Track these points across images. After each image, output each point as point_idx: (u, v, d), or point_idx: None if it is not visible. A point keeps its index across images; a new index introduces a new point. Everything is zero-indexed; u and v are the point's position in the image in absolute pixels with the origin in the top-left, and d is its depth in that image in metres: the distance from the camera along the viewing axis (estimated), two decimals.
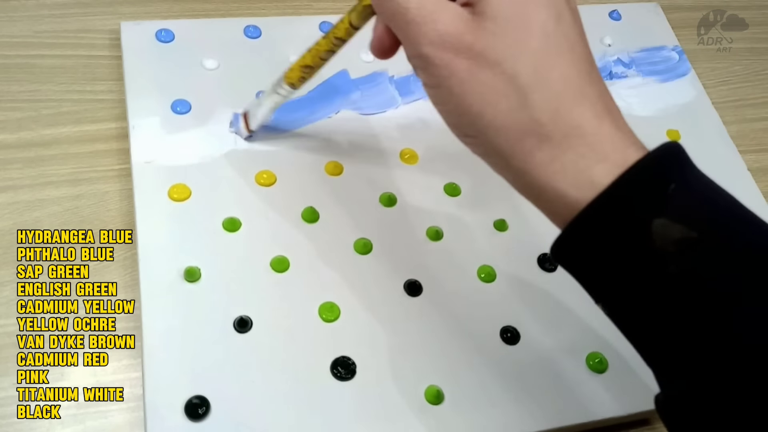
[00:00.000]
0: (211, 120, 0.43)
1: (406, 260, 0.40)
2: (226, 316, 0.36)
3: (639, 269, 0.24)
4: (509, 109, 0.26)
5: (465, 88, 0.26)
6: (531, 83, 0.25)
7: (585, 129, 0.25)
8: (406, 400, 0.35)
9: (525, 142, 0.26)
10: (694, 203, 0.25)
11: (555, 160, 0.25)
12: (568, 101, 0.26)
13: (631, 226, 0.24)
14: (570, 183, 0.25)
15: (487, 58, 0.26)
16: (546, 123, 0.25)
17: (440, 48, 0.26)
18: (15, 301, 0.36)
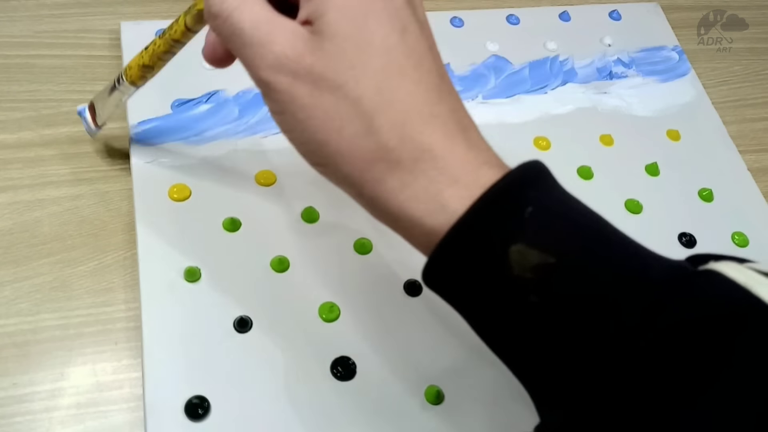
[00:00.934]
0: (212, 119, 0.43)
1: (405, 260, 0.40)
2: (226, 316, 0.36)
3: (502, 299, 0.23)
4: (354, 135, 0.24)
5: (307, 113, 0.24)
6: (375, 106, 0.24)
7: (435, 151, 0.24)
8: (406, 400, 0.35)
9: (374, 169, 0.24)
10: (552, 226, 0.23)
11: (406, 187, 0.24)
12: (416, 122, 0.24)
13: (489, 255, 0.23)
14: (423, 210, 0.24)
15: (327, 81, 0.24)
16: (394, 147, 0.24)
17: (279, 72, 0.24)
18: (15, 301, 0.36)
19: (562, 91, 0.51)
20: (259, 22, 0.25)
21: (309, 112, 0.24)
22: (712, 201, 0.47)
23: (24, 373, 0.34)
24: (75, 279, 0.37)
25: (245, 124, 0.44)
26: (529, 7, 0.56)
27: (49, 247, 0.38)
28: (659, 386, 0.21)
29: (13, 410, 0.33)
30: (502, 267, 0.23)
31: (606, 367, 0.22)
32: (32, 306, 0.36)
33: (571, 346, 0.23)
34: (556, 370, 0.24)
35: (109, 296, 0.37)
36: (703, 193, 0.48)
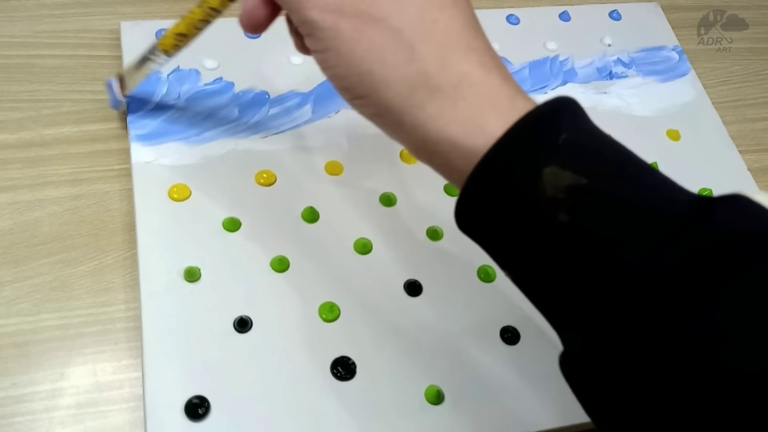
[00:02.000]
0: (212, 119, 0.43)
1: (406, 260, 0.40)
2: (226, 316, 0.36)
3: (531, 219, 0.24)
4: (397, 63, 0.26)
5: (352, 47, 0.26)
6: (416, 35, 0.25)
7: (473, 79, 0.25)
8: (406, 400, 0.35)
9: (415, 95, 0.25)
10: (585, 152, 0.24)
11: (446, 111, 0.25)
12: (454, 52, 0.26)
13: (523, 176, 0.24)
14: (462, 133, 0.25)
15: (371, 15, 0.26)
16: (434, 74, 0.25)
17: (325, 10, 0.26)
18: (15, 301, 0.36)
19: (562, 91, 0.51)
20: None
21: (353, 46, 0.26)
22: None
23: (24, 373, 0.34)
24: (75, 279, 0.37)
25: (245, 124, 0.44)
26: (529, 7, 0.56)
27: (49, 247, 0.38)
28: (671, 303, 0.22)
29: (13, 410, 0.33)
30: (535, 187, 0.24)
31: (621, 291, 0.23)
32: (32, 306, 0.36)
33: (592, 266, 0.24)
34: (577, 294, 0.24)
35: (109, 296, 0.37)
36: (703, 194, 0.47)
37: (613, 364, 0.24)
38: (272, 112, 0.45)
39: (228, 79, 0.45)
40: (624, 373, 0.23)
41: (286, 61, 0.47)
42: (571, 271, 0.24)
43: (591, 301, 0.24)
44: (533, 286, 0.26)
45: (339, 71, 0.27)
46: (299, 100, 0.46)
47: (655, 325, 0.22)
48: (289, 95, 0.46)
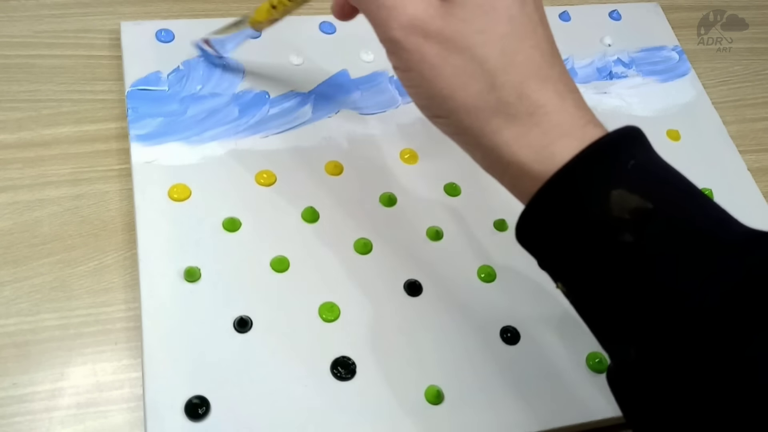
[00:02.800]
0: (212, 119, 0.43)
1: (406, 260, 0.40)
2: (226, 316, 0.36)
3: (596, 238, 0.25)
4: (479, 91, 0.27)
5: (436, 71, 0.27)
6: (499, 67, 0.27)
7: (548, 108, 0.27)
8: (406, 400, 0.35)
9: (493, 121, 0.27)
10: (651, 179, 0.26)
11: (521, 137, 0.27)
12: (532, 82, 0.27)
13: (591, 196, 0.25)
14: (534, 158, 0.26)
15: (456, 43, 0.27)
16: (513, 103, 0.27)
17: (411, 32, 0.27)
18: (15, 301, 0.36)
19: None
20: None
21: (437, 71, 0.27)
22: None
23: (24, 373, 0.34)
24: (75, 279, 0.37)
25: (245, 124, 0.44)
26: None
27: (49, 247, 0.38)
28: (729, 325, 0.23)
29: (13, 410, 0.33)
30: (602, 207, 0.25)
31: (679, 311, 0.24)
32: (32, 306, 0.36)
33: (653, 284, 0.25)
34: (632, 309, 0.25)
35: (109, 296, 0.37)
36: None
37: (666, 378, 0.25)
38: (272, 112, 0.45)
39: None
40: (675, 389, 0.24)
41: (286, 61, 0.47)
42: (631, 288, 0.25)
43: (647, 318, 0.25)
44: (589, 300, 0.28)
45: (421, 91, 0.28)
46: (299, 100, 0.46)
47: (712, 344, 0.23)
48: (289, 95, 0.46)
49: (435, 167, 0.45)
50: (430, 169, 0.44)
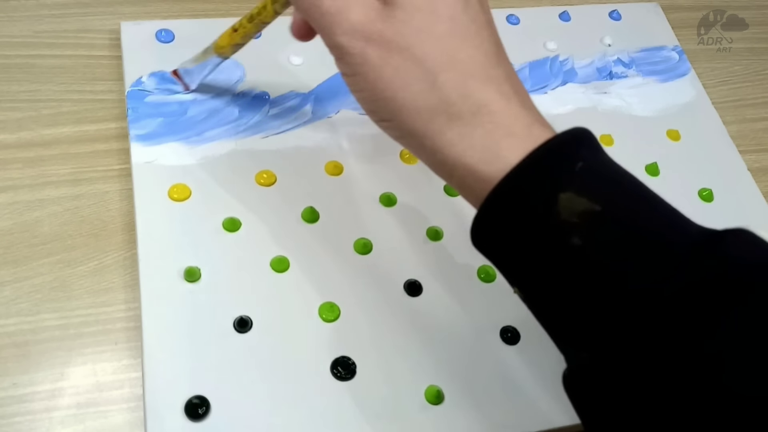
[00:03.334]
0: (212, 119, 0.43)
1: (406, 260, 0.40)
2: (226, 316, 0.36)
3: (545, 242, 0.25)
4: (420, 90, 0.27)
5: (377, 73, 0.27)
6: (439, 65, 0.27)
7: (492, 107, 0.26)
8: (406, 400, 0.35)
9: (436, 121, 0.27)
10: (600, 180, 0.26)
11: (464, 138, 0.26)
12: (475, 81, 0.27)
13: (539, 200, 0.25)
14: (479, 158, 0.26)
15: (397, 44, 0.27)
16: (455, 102, 0.27)
17: (353, 37, 0.27)
18: (15, 301, 0.36)
19: (562, 91, 0.51)
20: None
21: (379, 72, 0.27)
22: (712, 201, 0.47)
23: (24, 373, 0.34)
24: (75, 279, 0.37)
25: (245, 124, 0.44)
26: (529, 7, 0.56)
27: (49, 247, 0.38)
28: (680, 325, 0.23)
29: (13, 410, 0.33)
30: (550, 211, 0.25)
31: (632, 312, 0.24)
32: (32, 306, 0.36)
33: (602, 288, 0.25)
34: (585, 314, 0.25)
35: (109, 296, 0.37)
36: (703, 193, 0.48)
37: (620, 380, 0.25)
38: (272, 112, 0.45)
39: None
40: (629, 390, 0.24)
41: (286, 61, 0.47)
42: (582, 292, 0.25)
43: (599, 321, 0.25)
44: (543, 304, 0.27)
45: (366, 95, 0.29)
46: (299, 100, 0.46)
47: (662, 346, 0.23)
48: (289, 95, 0.46)
49: None
50: (431, 170, 0.44)
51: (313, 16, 0.28)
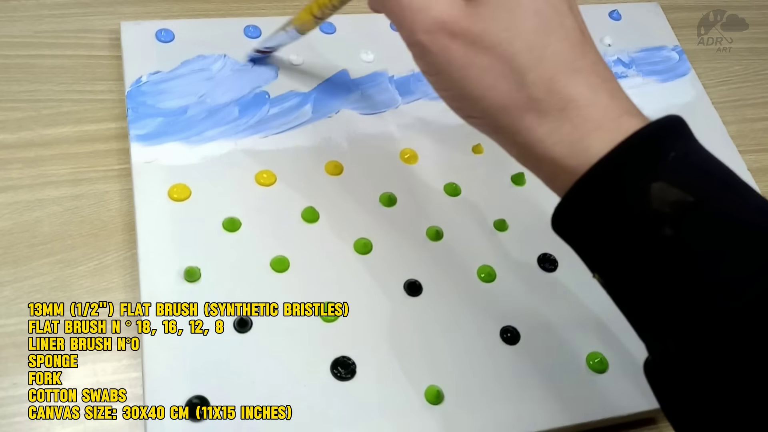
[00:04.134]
0: (212, 119, 0.43)
1: (406, 260, 0.40)
2: (226, 316, 0.36)
3: (636, 231, 0.25)
4: (509, 89, 0.27)
5: (464, 72, 0.27)
6: (527, 63, 0.26)
7: (579, 101, 0.26)
8: (406, 400, 0.35)
9: (525, 118, 0.27)
10: (692, 171, 0.25)
11: (553, 133, 0.26)
12: (562, 76, 0.27)
13: (630, 190, 0.25)
14: (568, 153, 0.26)
15: (483, 43, 0.26)
16: (543, 99, 0.26)
17: (436, 35, 0.27)
18: (15, 301, 0.36)
19: None
20: None
21: (465, 72, 0.27)
22: None
23: (24, 373, 0.34)
24: (75, 279, 0.37)
25: (245, 124, 0.44)
26: None
27: (49, 247, 0.38)
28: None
29: (13, 410, 0.33)
30: (642, 201, 0.25)
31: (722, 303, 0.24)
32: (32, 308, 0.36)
33: (692, 280, 0.24)
34: (672, 303, 0.25)
35: (109, 296, 0.37)
36: None
37: (705, 372, 0.24)
38: (272, 112, 0.45)
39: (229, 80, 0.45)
40: (714, 382, 0.24)
41: (286, 61, 0.47)
42: (671, 282, 0.25)
43: (688, 311, 0.25)
44: (627, 292, 0.27)
45: (452, 94, 0.29)
46: (299, 100, 0.46)
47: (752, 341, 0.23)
48: (289, 95, 0.46)
49: (435, 167, 0.45)
50: (430, 169, 0.44)
51: (392, 10, 0.28)
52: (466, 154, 0.46)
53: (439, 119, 0.47)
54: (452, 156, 0.45)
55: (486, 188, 0.44)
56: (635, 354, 0.38)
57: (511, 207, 0.43)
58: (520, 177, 0.45)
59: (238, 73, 0.46)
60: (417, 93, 0.48)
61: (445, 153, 0.45)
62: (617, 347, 0.38)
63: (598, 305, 0.40)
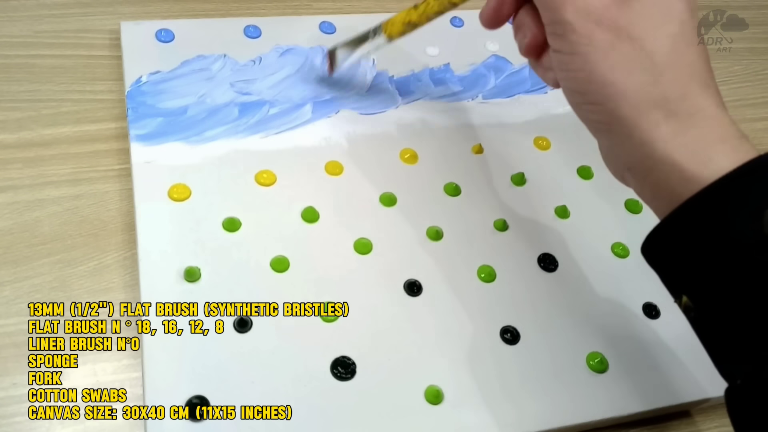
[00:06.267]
0: (212, 119, 0.43)
1: (406, 260, 0.40)
2: (226, 316, 0.36)
3: (741, 255, 0.25)
4: (642, 82, 0.27)
5: (601, 56, 0.28)
6: (666, 62, 0.27)
7: (709, 113, 0.27)
8: (406, 400, 0.35)
9: (653, 113, 0.27)
10: None
11: (678, 135, 0.27)
12: (696, 85, 0.28)
13: (744, 212, 0.25)
14: (690, 157, 0.27)
15: (629, 32, 0.27)
16: (675, 100, 0.27)
17: (584, 17, 0.28)
18: (15, 301, 0.36)
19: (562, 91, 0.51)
20: None
21: (603, 55, 0.28)
22: None
23: (24, 373, 0.34)
24: (75, 279, 0.37)
25: (245, 124, 0.44)
26: None
27: (49, 247, 0.38)
28: None
29: (13, 410, 0.33)
30: (753, 225, 0.25)
31: None
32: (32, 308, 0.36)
33: None
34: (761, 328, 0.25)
35: (109, 296, 0.37)
36: None
37: None
38: (272, 112, 0.45)
39: (229, 80, 0.45)
40: None
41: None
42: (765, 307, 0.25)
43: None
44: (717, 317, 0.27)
45: (581, 75, 0.29)
46: (299, 100, 0.46)
47: None
48: (290, 95, 0.46)
49: (435, 167, 0.45)
50: (430, 169, 0.44)
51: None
52: (466, 154, 0.46)
53: (439, 119, 0.47)
54: (452, 156, 0.45)
55: (486, 188, 0.44)
56: (635, 354, 0.38)
57: (511, 207, 0.43)
58: (520, 177, 0.45)
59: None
60: (417, 93, 0.48)
61: (445, 153, 0.45)
62: (617, 347, 0.38)
63: (598, 305, 0.40)
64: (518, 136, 0.48)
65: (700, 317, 0.28)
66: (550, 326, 0.39)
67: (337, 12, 0.54)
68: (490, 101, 0.49)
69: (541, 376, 0.37)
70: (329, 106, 0.46)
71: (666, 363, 0.38)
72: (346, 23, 0.50)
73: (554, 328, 0.39)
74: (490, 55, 0.52)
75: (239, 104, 0.44)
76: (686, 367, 0.38)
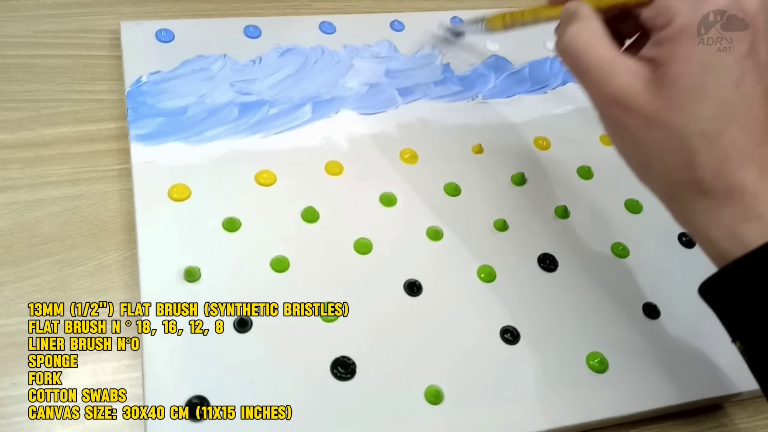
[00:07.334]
0: (212, 119, 0.43)
1: (406, 260, 0.40)
2: (226, 316, 0.36)
3: None
4: (674, 165, 0.28)
5: (636, 141, 0.29)
6: (699, 146, 0.27)
7: (745, 189, 0.27)
8: (406, 400, 0.35)
9: (686, 191, 0.28)
10: None
11: (711, 212, 0.28)
12: (732, 163, 0.27)
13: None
14: (720, 235, 0.28)
15: (659, 120, 0.28)
16: (708, 181, 0.28)
17: (612, 106, 0.29)
18: (15, 301, 0.36)
19: (562, 91, 0.51)
20: (603, 62, 0.29)
21: (637, 141, 0.29)
22: None
23: (24, 373, 0.34)
24: (75, 279, 0.37)
25: (245, 124, 0.44)
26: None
27: (49, 247, 0.38)
28: None
29: (13, 410, 0.33)
30: None
31: None
32: (32, 308, 0.36)
33: None
34: None
35: (109, 296, 0.37)
36: None
37: None
38: (272, 112, 0.45)
39: (228, 80, 0.45)
40: None
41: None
42: None
43: None
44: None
45: (624, 153, 0.31)
46: (299, 100, 0.46)
47: None
48: (289, 95, 0.46)
49: (435, 167, 0.45)
50: (430, 169, 0.44)
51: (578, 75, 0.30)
52: (466, 154, 0.46)
53: (439, 119, 0.47)
54: (452, 156, 0.45)
55: (486, 188, 0.44)
56: (635, 354, 0.38)
57: (511, 207, 0.43)
58: (520, 177, 0.45)
59: None
60: (417, 93, 0.48)
61: (445, 153, 0.45)
62: (617, 347, 0.38)
63: (598, 305, 0.40)
64: (518, 136, 0.48)
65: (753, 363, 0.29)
66: (550, 326, 0.39)
67: (337, 12, 0.54)
68: (490, 101, 0.49)
69: (541, 376, 0.37)
70: (329, 106, 0.46)
71: (666, 363, 0.38)
72: (346, 23, 0.50)
73: (554, 328, 0.39)
74: (490, 56, 0.52)
75: (239, 104, 0.44)
76: (686, 367, 0.38)
